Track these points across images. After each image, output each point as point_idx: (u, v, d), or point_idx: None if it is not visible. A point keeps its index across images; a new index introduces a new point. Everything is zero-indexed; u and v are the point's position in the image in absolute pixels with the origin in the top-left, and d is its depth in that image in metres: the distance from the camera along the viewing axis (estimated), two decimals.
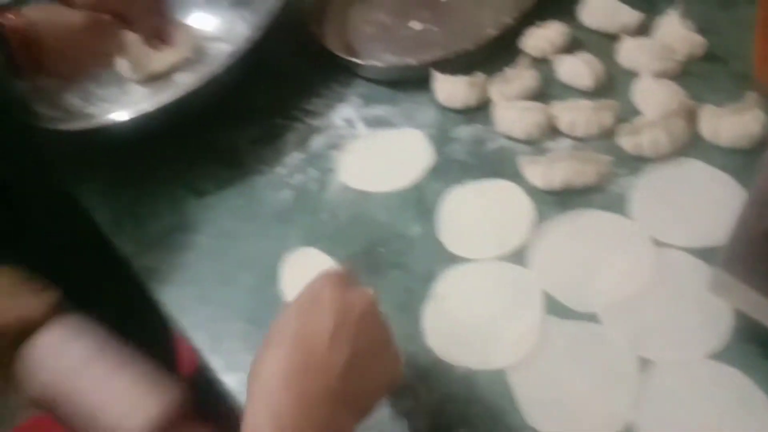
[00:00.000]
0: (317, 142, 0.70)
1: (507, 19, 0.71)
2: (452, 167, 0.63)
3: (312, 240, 0.61)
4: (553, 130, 0.62)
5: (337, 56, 0.74)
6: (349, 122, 0.71)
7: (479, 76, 0.67)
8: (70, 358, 0.50)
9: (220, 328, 0.58)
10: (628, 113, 0.60)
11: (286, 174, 0.68)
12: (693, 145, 0.57)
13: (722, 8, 0.68)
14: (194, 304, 0.60)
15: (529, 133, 0.61)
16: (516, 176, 0.59)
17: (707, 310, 0.46)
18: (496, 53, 0.70)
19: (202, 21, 0.86)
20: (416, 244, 0.58)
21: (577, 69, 0.64)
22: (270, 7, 0.72)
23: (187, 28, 0.85)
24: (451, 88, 0.67)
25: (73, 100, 0.79)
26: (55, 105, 0.76)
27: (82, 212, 0.75)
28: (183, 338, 0.60)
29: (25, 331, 0.51)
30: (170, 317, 0.60)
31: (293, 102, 0.74)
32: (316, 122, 0.72)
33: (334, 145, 0.69)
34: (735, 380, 0.44)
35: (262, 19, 0.71)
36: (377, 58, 0.75)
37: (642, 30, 0.67)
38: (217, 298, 0.60)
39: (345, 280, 0.43)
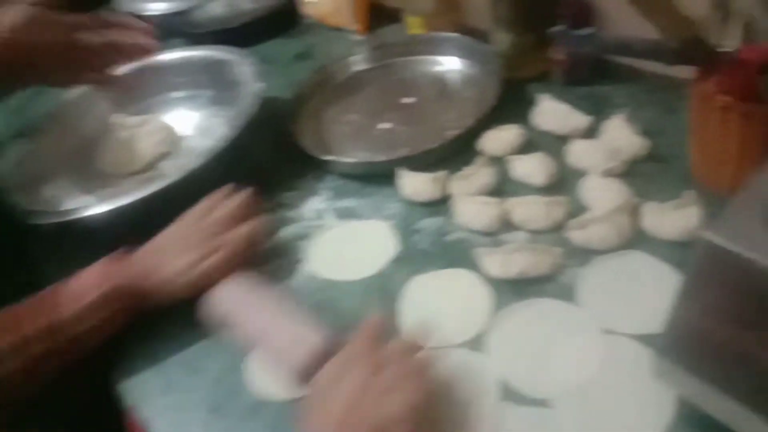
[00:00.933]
0: (285, 233, 0.73)
1: (468, 121, 0.76)
2: (415, 257, 0.66)
3: None
4: (508, 224, 0.65)
5: (311, 153, 0.79)
6: (319, 214, 0.74)
7: (441, 173, 0.71)
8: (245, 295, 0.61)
9: (182, 418, 0.58)
10: (577, 209, 0.65)
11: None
12: (637, 239, 0.61)
13: (666, 113, 0.74)
14: (156, 392, 0.61)
15: (487, 225, 0.65)
16: (475, 266, 0.62)
17: (652, 396, 0.48)
18: (457, 152, 0.75)
19: (183, 119, 0.92)
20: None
21: (531, 168, 0.69)
22: (246, 107, 0.78)
23: (167, 126, 0.90)
24: (416, 184, 0.71)
25: (53, 192, 0.82)
26: (35, 198, 0.79)
27: None
28: (143, 428, 0.59)
29: None
30: (132, 406, 0.60)
31: (268, 194, 0.78)
32: (286, 214, 0.75)
33: (303, 236, 0.72)
34: None
35: (239, 117, 0.76)
36: (349, 155, 0.80)
37: (591, 132, 0.73)
38: (181, 387, 0.60)
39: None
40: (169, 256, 0.63)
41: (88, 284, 0.59)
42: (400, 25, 1.03)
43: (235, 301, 0.60)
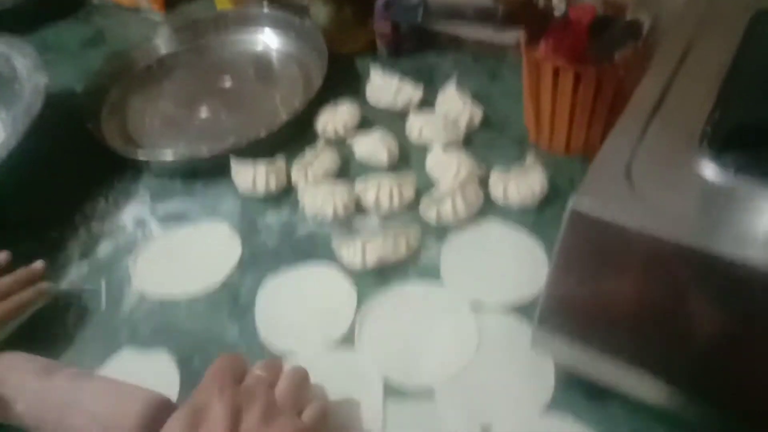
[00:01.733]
0: (104, 249, 0.62)
1: (297, 103, 0.71)
2: (263, 258, 0.59)
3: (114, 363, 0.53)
4: (359, 208, 0.61)
5: (119, 153, 0.68)
6: (141, 222, 0.64)
7: (279, 161, 0.65)
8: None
9: None
10: (426, 184, 0.62)
11: (70, 291, 0.59)
12: (488, 208, 0.60)
13: (492, 80, 0.74)
14: None
15: (337, 213, 0.60)
16: (331, 258, 0.58)
17: (533, 368, 0.48)
18: (292, 137, 0.69)
19: None
20: (236, 347, 0.53)
21: (373, 147, 0.66)
22: (29, 107, 0.64)
23: None
24: (250, 176, 0.64)
25: None
26: None
27: None
28: None
29: None
30: None
31: (74, 207, 0.66)
32: (101, 227, 0.64)
33: (126, 251, 0.62)
34: (571, 428, 0.45)
35: (22, 119, 0.63)
36: (166, 152, 0.70)
37: (425, 104, 0.71)
38: None
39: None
40: None
41: None
42: (203, 1, 0.93)
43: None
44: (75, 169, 0.70)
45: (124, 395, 0.44)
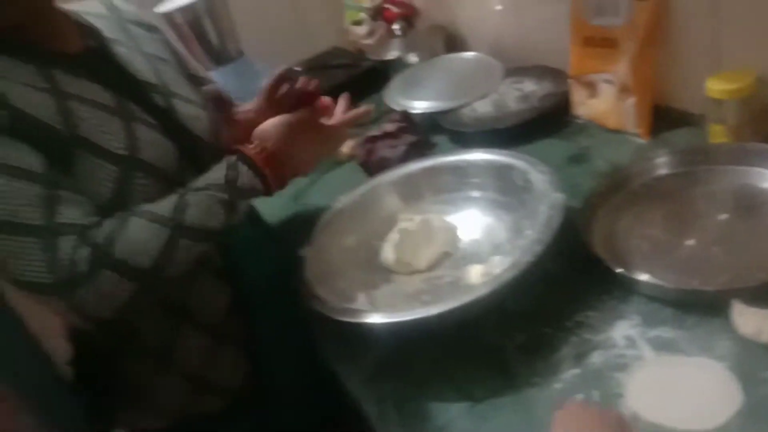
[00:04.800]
0: (596, 359, 0.67)
1: None
2: (761, 416, 0.56)
3: None
4: None
5: (611, 268, 0.73)
6: (630, 341, 0.68)
7: None
8: None
9: None
10: None
11: (562, 390, 0.65)
12: None
13: None
14: None
15: None
16: None
17: None
18: None
19: (466, 220, 0.91)
20: None
21: None
22: (549, 220, 0.74)
23: (451, 226, 0.90)
24: (758, 322, 0.62)
25: (343, 285, 0.84)
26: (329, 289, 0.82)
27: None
28: None
29: None
30: None
31: (564, 311, 0.73)
32: (592, 337, 0.70)
33: (617, 366, 0.65)
34: None
35: (544, 231, 0.73)
36: (655, 276, 0.72)
37: None
38: None
39: None
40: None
41: None
42: (690, 130, 0.95)
43: None
44: (568, 276, 0.77)
45: None
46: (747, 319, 0.63)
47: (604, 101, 1.05)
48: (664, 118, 0.99)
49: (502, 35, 1.32)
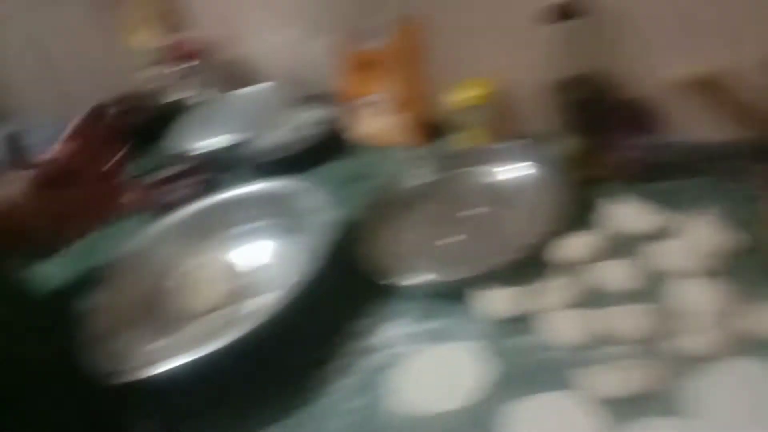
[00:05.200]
0: (371, 363, 0.71)
1: (540, 230, 0.75)
2: (512, 381, 0.63)
3: None
4: (601, 337, 0.63)
5: (377, 277, 0.78)
6: (403, 339, 0.73)
7: (521, 288, 0.70)
8: None
9: None
10: (673, 315, 0.62)
11: (335, 401, 0.69)
12: (747, 343, 0.57)
13: (745, 204, 0.69)
14: None
15: (581, 341, 0.62)
16: (567, 386, 0.59)
17: None
18: (532, 265, 0.73)
19: (250, 251, 0.93)
20: None
21: (615, 276, 0.67)
22: (322, 237, 0.78)
23: (228, 263, 0.91)
24: (498, 301, 0.69)
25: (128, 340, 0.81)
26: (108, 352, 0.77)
27: None
28: None
29: None
30: None
31: (342, 324, 0.77)
32: (367, 343, 0.74)
33: (388, 366, 0.70)
34: None
35: (317, 248, 0.77)
36: (419, 276, 0.78)
37: (668, 231, 0.71)
38: None
39: None
40: None
41: None
42: (454, 138, 1.05)
43: None
44: (347, 290, 0.82)
45: None
46: (489, 299, 0.70)
47: (378, 120, 1.13)
48: (435, 130, 1.08)
49: (294, 65, 1.36)
